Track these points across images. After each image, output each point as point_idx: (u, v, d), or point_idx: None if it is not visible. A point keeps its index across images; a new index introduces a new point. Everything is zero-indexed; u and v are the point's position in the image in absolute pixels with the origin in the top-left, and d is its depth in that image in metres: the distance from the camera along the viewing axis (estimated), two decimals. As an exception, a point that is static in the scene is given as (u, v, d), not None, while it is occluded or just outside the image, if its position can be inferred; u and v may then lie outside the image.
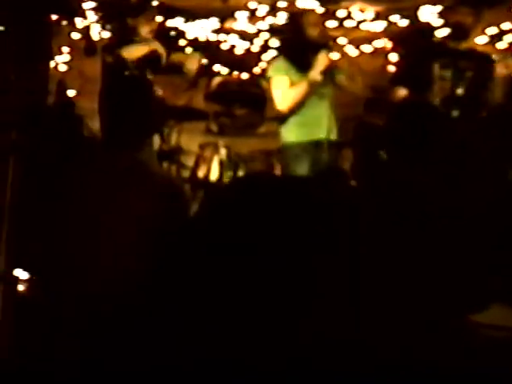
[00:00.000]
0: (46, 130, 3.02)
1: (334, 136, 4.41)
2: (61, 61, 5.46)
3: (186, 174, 5.74)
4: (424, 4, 5.29)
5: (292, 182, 0.98)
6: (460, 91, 4.18)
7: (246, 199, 0.97)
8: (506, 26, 5.18)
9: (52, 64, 5.16)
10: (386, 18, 5.52)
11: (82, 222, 2.27)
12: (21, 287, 2.38)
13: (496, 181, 4.14)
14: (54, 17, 5.00)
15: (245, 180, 1.01)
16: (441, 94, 4.20)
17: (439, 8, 5.09)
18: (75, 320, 1.08)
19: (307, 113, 4.41)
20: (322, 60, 4.26)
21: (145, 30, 4.66)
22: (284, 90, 4.34)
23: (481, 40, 4.87)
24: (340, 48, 5.42)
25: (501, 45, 5.06)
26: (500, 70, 4.21)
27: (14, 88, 2.52)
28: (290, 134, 4.42)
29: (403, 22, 5.50)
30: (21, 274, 2.38)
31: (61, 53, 5.43)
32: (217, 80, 6.44)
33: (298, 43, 4.35)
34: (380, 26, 5.54)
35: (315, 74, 4.26)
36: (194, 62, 4.78)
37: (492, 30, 5.03)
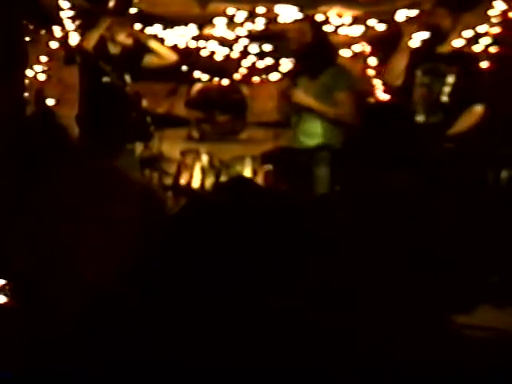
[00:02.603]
0: (26, 139, 3.00)
1: (302, 143, 4.41)
2: (39, 70, 5.43)
3: (168, 181, 5.74)
4: (401, 8, 5.33)
5: (271, 190, 0.99)
6: (443, 97, 4.21)
7: (226, 206, 0.97)
8: (481, 28, 5.24)
9: (31, 73, 5.14)
10: (364, 23, 5.55)
11: (62, 230, 2.26)
12: (3, 297, 2.37)
13: (479, 183, 4.19)
14: (32, 26, 4.98)
15: (225, 186, 1.01)
16: (423, 100, 4.22)
17: (416, 12, 5.14)
18: (61, 324, 1.09)
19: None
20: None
21: (122, 36, 4.67)
22: None
23: (457, 43, 4.91)
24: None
25: (477, 47, 5.11)
26: None
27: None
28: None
29: (381, 26, 5.55)
30: (2, 281, 2.37)
31: (39, 62, 5.41)
32: (197, 87, 6.45)
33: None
34: (358, 30, 5.57)
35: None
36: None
37: (468, 33, 5.08)
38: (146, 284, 0.94)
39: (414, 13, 5.19)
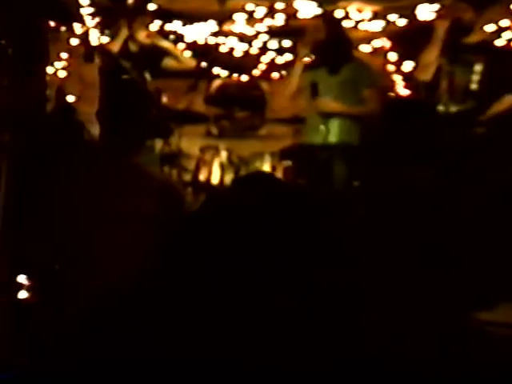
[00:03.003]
0: (47, 136, 3.02)
1: (335, 139, 4.40)
2: (60, 67, 5.46)
3: (187, 177, 5.75)
4: (422, 2, 5.29)
5: (292, 186, 0.98)
6: (471, 86, 4.17)
7: (244, 202, 0.96)
8: (504, 23, 5.17)
9: (51, 70, 5.17)
10: (384, 18, 5.51)
11: (82, 224, 2.27)
12: (23, 293, 2.39)
13: (499, 176, 4.14)
14: (52, 23, 5.01)
15: (245, 181, 1.01)
16: (448, 90, 4.19)
17: (437, 6, 5.09)
18: (77, 321, 1.09)
19: (311, 116, 4.47)
20: None
21: (141, 35, 4.69)
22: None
23: (481, 36, 4.86)
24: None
25: (499, 42, 5.05)
26: None
27: (8, 92, 2.52)
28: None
29: (401, 21, 5.50)
30: (23, 279, 2.39)
31: (60, 59, 5.44)
32: (216, 83, 6.45)
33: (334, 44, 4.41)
34: (378, 25, 5.53)
35: None
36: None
37: (491, 27, 5.02)
38: (165, 281, 0.94)
39: (434, 7, 5.14)
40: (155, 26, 5.20)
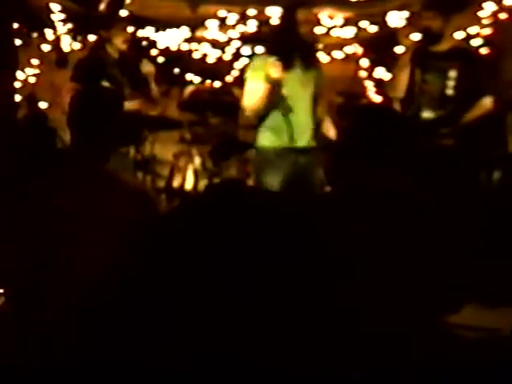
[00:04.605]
0: (18, 142, 3.00)
1: (313, 142, 4.35)
2: (31, 73, 5.42)
3: (161, 183, 5.73)
4: (392, 10, 5.35)
5: (260, 192, 0.99)
6: (447, 92, 4.22)
7: (213, 209, 0.97)
8: (472, 30, 5.26)
9: (22, 76, 5.13)
10: (356, 24, 5.57)
11: (55, 231, 2.26)
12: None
13: (467, 183, 4.20)
14: (23, 29, 4.97)
15: (213, 189, 1.02)
16: (423, 97, 4.23)
17: (406, 14, 5.16)
18: (53, 327, 1.09)
19: (281, 118, 4.38)
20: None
21: (119, 41, 4.67)
22: (254, 94, 4.25)
23: (448, 44, 4.94)
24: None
25: (469, 48, 5.13)
26: None
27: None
28: (264, 138, 4.35)
29: (372, 28, 5.56)
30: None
31: (31, 65, 5.40)
32: (189, 89, 6.45)
33: (288, 39, 4.23)
34: (350, 32, 5.59)
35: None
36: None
37: (459, 35, 5.11)
38: (137, 286, 0.95)
39: (404, 15, 5.21)
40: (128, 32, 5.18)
